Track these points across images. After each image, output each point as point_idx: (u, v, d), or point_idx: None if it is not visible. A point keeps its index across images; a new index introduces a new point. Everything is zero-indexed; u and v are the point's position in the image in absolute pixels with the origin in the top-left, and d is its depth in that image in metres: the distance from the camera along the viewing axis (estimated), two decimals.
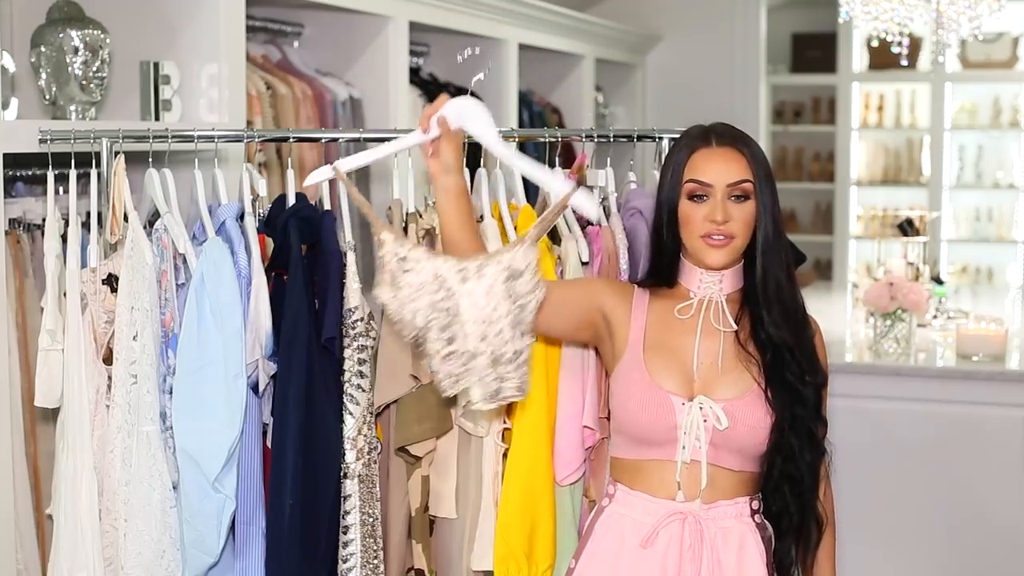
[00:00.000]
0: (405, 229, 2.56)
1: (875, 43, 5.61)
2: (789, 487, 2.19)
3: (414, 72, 4.77)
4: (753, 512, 2.21)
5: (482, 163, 2.66)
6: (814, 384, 2.20)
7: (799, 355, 2.19)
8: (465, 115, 2.19)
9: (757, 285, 2.19)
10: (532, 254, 2.11)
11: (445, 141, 2.19)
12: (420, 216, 2.58)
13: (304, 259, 2.44)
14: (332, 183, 2.66)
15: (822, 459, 2.23)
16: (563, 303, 2.24)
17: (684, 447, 2.15)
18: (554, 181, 2.23)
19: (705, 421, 2.15)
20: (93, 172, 2.51)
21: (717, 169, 2.17)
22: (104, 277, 2.40)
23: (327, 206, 2.61)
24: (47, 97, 2.87)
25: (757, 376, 2.18)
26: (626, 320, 2.24)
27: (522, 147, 4.58)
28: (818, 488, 2.23)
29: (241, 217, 2.46)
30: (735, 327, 2.20)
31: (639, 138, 2.74)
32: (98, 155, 2.49)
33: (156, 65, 3.05)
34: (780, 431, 2.16)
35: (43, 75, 2.86)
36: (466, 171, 2.60)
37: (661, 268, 2.26)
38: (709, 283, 2.22)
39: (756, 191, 2.17)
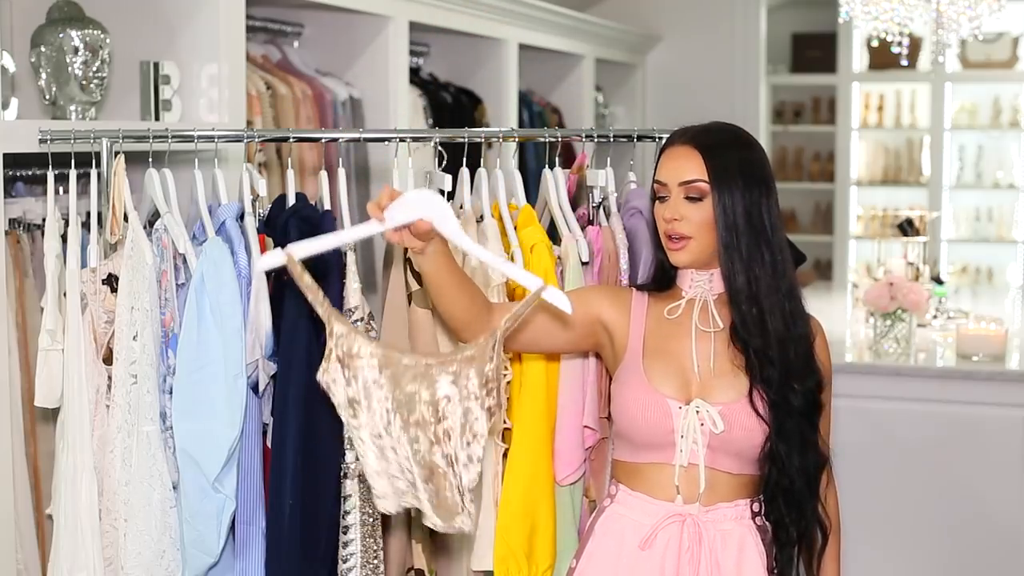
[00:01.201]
0: None
1: (875, 43, 5.61)
2: (783, 498, 2.17)
3: (414, 72, 4.77)
4: (754, 515, 2.20)
5: (482, 163, 2.66)
6: (803, 391, 2.15)
7: (784, 361, 2.14)
8: (425, 209, 2.00)
9: (727, 286, 2.17)
10: (492, 362, 1.99)
11: (408, 236, 2.02)
12: None
13: (304, 259, 2.43)
14: (331, 182, 2.67)
15: (820, 466, 2.20)
16: (561, 320, 2.23)
17: (682, 451, 2.15)
18: (524, 277, 2.09)
19: (702, 425, 2.14)
20: (93, 172, 2.51)
21: (671, 167, 2.17)
22: (104, 277, 2.40)
23: (327, 206, 2.61)
24: (47, 97, 2.87)
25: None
26: (625, 327, 2.23)
27: (522, 147, 4.59)
28: (817, 495, 2.20)
29: (241, 217, 2.46)
30: (720, 326, 2.19)
31: (639, 138, 2.74)
32: (98, 155, 2.49)
33: (156, 65, 3.05)
34: (770, 438, 2.15)
35: (43, 75, 2.86)
36: (466, 171, 2.61)
37: (657, 270, 2.27)
38: (700, 282, 2.22)
39: (713, 191, 2.13)
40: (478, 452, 2.01)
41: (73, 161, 2.48)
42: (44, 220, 2.56)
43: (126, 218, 2.40)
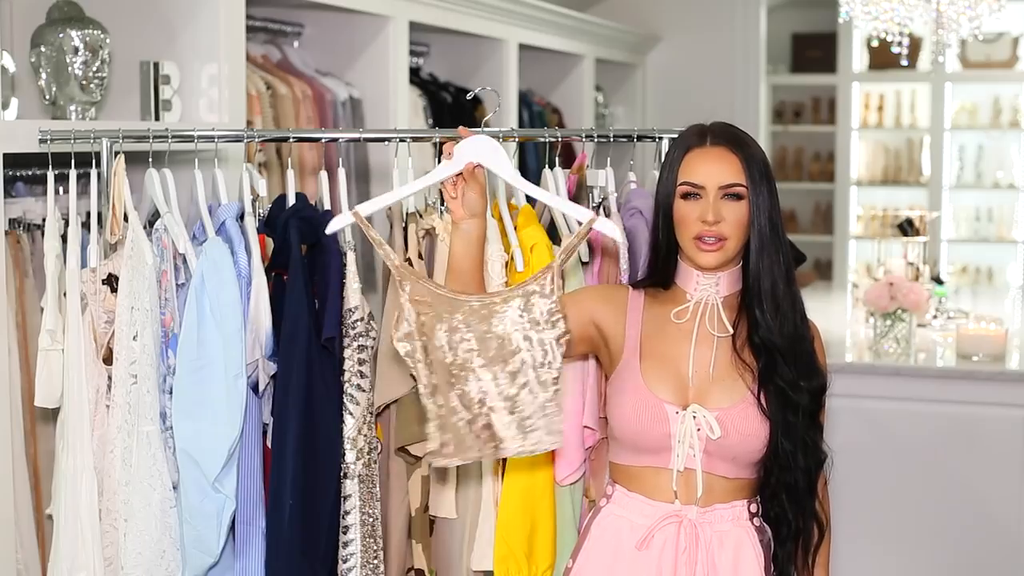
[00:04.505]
0: (405, 229, 2.56)
1: (875, 43, 5.61)
2: (786, 494, 2.18)
3: (414, 72, 4.77)
4: (751, 515, 2.20)
5: None
6: (809, 390, 2.17)
7: (793, 360, 2.16)
8: (483, 153, 2.14)
9: (751, 287, 2.18)
10: (555, 290, 2.10)
11: (472, 184, 2.14)
12: (420, 216, 2.58)
13: (304, 259, 2.44)
14: (331, 182, 2.67)
15: (820, 465, 2.21)
16: None
17: (678, 455, 2.15)
18: (576, 209, 2.22)
19: (699, 430, 2.13)
20: (93, 172, 2.51)
21: (709, 170, 2.15)
22: (104, 277, 2.40)
23: (327, 206, 2.61)
24: (47, 97, 2.87)
25: (751, 384, 2.16)
26: (621, 328, 2.22)
27: (522, 147, 4.59)
28: (816, 493, 2.21)
29: (241, 217, 2.46)
30: (730, 331, 2.19)
31: (639, 138, 2.74)
32: (98, 155, 2.49)
33: (156, 65, 3.05)
34: (774, 438, 2.15)
35: (43, 75, 2.86)
36: None
37: (658, 269, 2.25)
38: (706, 285, 2.21)
39: (749, 193, 2.15)
40: (552, 375, 2.08)
41: (73, 161, 2.48)
42: (44, 220, 2.56)
43: (126, 218, 2.41)
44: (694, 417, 2.13)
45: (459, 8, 4.64)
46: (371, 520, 2.47)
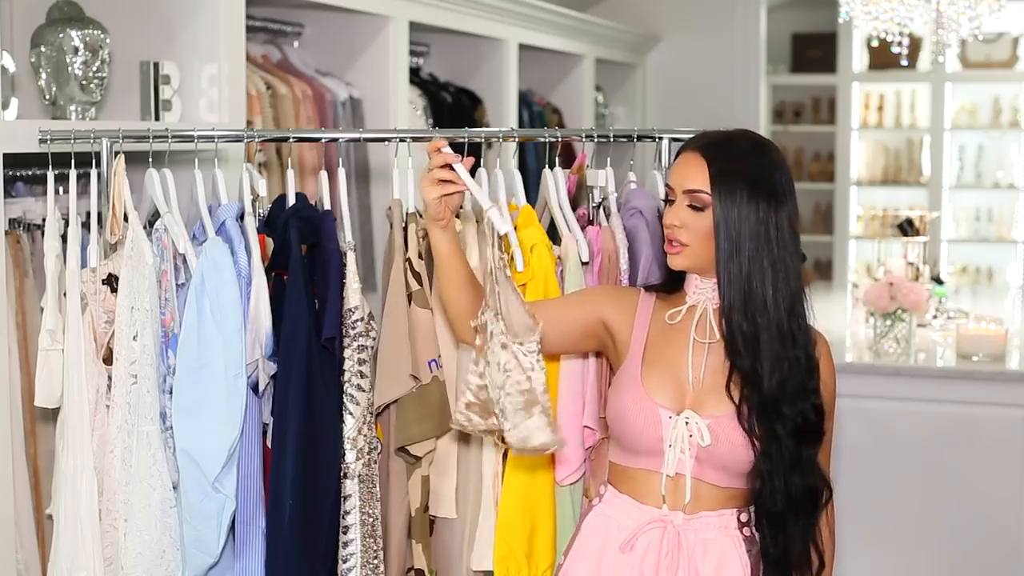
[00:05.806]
0: (405, 229, 2.56)
1: (875, 43, 5.61)
2: (766, 517, 2.13)
3: (414, 72, 4.77)
4: (741, 525, 2.17)
5: (482, 163, 2.66)
6: (792, 414, 2.09)
7: (771, 380, 2.08)
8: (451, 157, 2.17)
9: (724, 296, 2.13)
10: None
11: (442, 204, 2.17)
12: (420, 216, 2.58)
13: (304, 259, 2.44)
14: (331, 182, 2.67)
15: (810, 490, 2.13)
16: (564, 320, 2.22)
17: (669, 460, 2.14)
18: (496, 218, 2.16)
19: (691, 436, 2.13)
20: (93, 172, 2.51)
21: (680, 174, 2.15)
22: (104, 277, 2.40)
23: (327, 206, 2.61)
24: (47, 97, 2.87)
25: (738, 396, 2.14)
26: (628, 329, 2.22)
27: (522, 147, 4.59)
28: (807, 518, 2.14)
29: (241, 217, 2.46)
30: (717, 338, 2.16)
31: (639, 138, 2.74)
32: (98, 155, 2.49)
33: (156, 65, 3.05)
34: (759, 456, 2.11)
35: (43, 75, 2.86)
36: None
37: (665, 269, 2.25)
38: (703, 290, 2.20)
39: (716, 203, 2.09)
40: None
41: (73, 161, 2.48)
42: (44, 220, 2.56)
43: (126, 218, 2.41)
44: (686, 423, 2.13)
45: (459, 8, 4.64)
46: (371, 520, 2.47)
